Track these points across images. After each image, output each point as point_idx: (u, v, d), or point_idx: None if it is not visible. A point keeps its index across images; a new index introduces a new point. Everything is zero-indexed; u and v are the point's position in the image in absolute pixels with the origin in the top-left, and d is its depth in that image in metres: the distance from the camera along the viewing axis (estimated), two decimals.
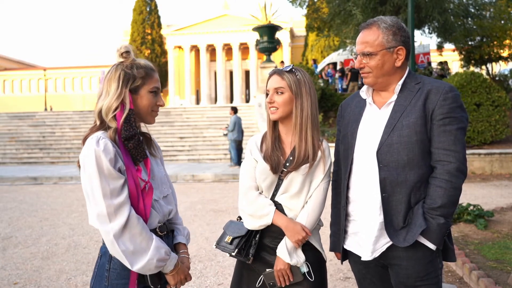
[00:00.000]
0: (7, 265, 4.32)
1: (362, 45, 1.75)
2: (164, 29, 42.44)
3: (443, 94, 1.67)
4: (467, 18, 13.90)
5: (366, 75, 1.77)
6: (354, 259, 1.86)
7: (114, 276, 1.55)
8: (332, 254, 4.35)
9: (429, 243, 1.66)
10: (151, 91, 1.63)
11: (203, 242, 4.96)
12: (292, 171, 1.79)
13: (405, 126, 1.68)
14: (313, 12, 16.45)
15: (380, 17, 1.78)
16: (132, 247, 1.48)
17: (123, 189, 1.50)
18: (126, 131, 1.54)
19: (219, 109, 20.46)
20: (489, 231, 4.87)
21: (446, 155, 1.65)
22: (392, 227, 1.69)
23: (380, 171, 1.70)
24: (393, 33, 1.72)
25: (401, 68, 1.76)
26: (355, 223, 1.81)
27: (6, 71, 47.71)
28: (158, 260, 1.52)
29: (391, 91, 1.78)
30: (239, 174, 1.91)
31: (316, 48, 32.19)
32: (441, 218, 1.63)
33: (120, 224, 1.46)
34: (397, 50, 1.73)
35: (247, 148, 1.93)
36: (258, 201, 1.80)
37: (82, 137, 1.64)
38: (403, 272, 1.70)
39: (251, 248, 1.81)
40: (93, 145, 1.49)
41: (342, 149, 1.88)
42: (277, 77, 1.84)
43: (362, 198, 1.76)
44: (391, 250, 1.72)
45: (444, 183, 1.63)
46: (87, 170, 1.49)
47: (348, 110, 1.92)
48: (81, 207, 7.41)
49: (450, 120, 1.66)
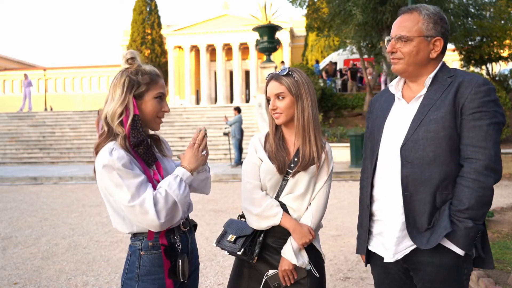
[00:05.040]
0: (7, 265, 4.32)
1: (399, 28, 1.64)
2: (164, 29, 42.43)
3: (475, 87, 1.54)
4: (467, 18, 13.91)
5: (397, 61, 1.66)
6: (375, 261, 1.78)
7: (144, 272, 1.61)
8: (332, 254, 4.38)
9: (456, 248, 1.54)
10: (155, 97, 1.66)
11: (203, 242, 4.96)
12: (300, 171, 1.79)
13: (432, 120, 1.57)
14: (313, 12, 16.47)
15: (423, 4, 1.68)
16: (170, 211, 1.56)
17: (144, 183, 1.55)
18: (134, 138, 1.58)
19: (219, 109, 20.44)
20: (489, 231, 4.87)
21: (475, 152, 1.52)
22: (415, 228, 1.59)
23: (402, 168, 1.60)
24: (434, 22, 1.61)
25: (435, 60, 1.65)
26: (379, 223, 1.72)
27: (6, 71, 47.70)
28: (185, 193, 1.59)
29: (421, 84, 1.67)
30: (242, 172, 1.91)
31: (316, 48, 32.19)
32: (469, 221, 1.50)
33: (153, 211, 1.52)
34: (434, 40, 1.62)
35: (250, 146, 1.92)
36: (266, 202, 1.80)
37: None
38: (427, 277, 1.61)
39: (255, 248, 1.81)
40: (106, 156, 1.53)
41: (369, 146, 1.80)
42: (276, 83, 1.84)
43: (386, 197, 1.68)
44: (416, 255, 1.62)
45: (471, 183, 1.51)
46: (105, 181, 1.54)
47: (376, 106, 1.84)
48: (81, 207, 7.41)
49: (481, 115, 1.53)
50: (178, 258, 1.63)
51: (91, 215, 6.73)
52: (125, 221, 1.62)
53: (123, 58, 1.66)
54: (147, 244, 1.62)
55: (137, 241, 1.64)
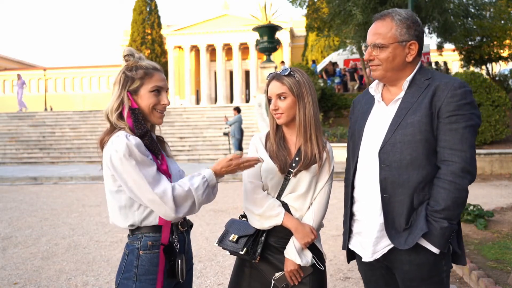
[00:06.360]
0: (7, 265, 4.32)
1: (373, 36, 1.68)
2: (164, 29, 42.44)
3: (451, 90, 1.58)
4: (467, 18, 13.90)
5: (375, 67, 1.70)
6: (360, 260, 1.82)
7: (142, 272, 1.61)
8: (332, 254, 4.38)
9: (432, 247, 1.60)
10: (151, 91, 1.66)
11: (203, 242, 4.96)
12: (302, 170, 1.80)
13: (409, 124, 1.61)
14: (313, 12, 16.47)
15: (395, 9, 1.71)
16: (187, 208, 1.60)
17: (158, 172, 1.59)
18: (138, 129, 1.62)
19: (219, 109, 20.44)
20: (489, 231, 4.87)
21: (451, 155, 1.57)
22: (393, 229, 1.64)
23: (381, 171, 1.65)
24: (407, 26, 1.65)
25: (412, 63, 1.69)
26: (359, 223, 1.78)
27: (6, 71, 47.71)
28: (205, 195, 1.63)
29: (400, 87, 1.71)
30: (242, 172, 1.90)
31: (316, 48, 32.20)
32: (444, 221, 1.56)
33: (172, 204, 1.56)
34: (409, 44, 1.66)
35: (251, 146, 1.93)
36: (268, 202, 1.80)
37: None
38: (406, 275, 1.66)
39: (258, 248, 1.81)
40: (123, 140, 1.55)
41: (351, 147, 1.84)
42: (277, 83, 1.84)
43: (365, 198, 1.73)
44: (394, 253, 1.67)
45: (448, 184, 1.56)
46: (125, 165, 1.54)
47: (358, 107, 1.88)
48: (81, 207, 7.41)
49: (457, 118, 1.57)
50: (177, 258, 1.64)
51: (91, 215, 6.73)
52: (125, 214, 1.62)
53: (122, 55, 1.71)
54: (146, 243, 1.62)
55: (136, 239, 1.64)
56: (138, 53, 1.73)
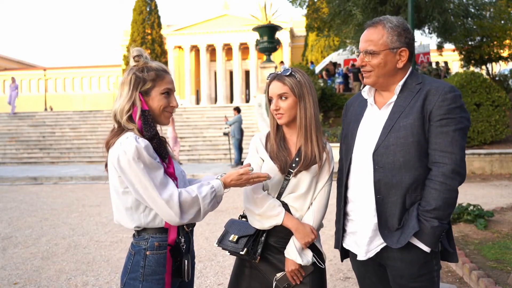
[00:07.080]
0: (7, 265, 4.32)
1: (365, 43, 1.74)
2: (164, 29, 42.43)
3: (442, 94, 1.65)
4: (467, 18, 13.88)
5: (368, 74, 1.76)
6: (353, 257, 1.86)
7: (149, 272, 1.61)
8: (332, 254, 4.38)
9: (423, 245, 1.65)
10: (162, 93, 1.68)
11: (203, 242, 4.96)
12: (302, 170, 1.80)
13: (402, 127, 1.67)
14: (313, 12, 16.45)
15: (386, 16, 1.77)
16: (192, 215, 1.60)
17: (165, 175, 1.60)
18: (147, 132, 1.61)
19: (219, 109, 20.44)
20: (489, 231, 4.87)
21: (442, 157, 1.63)
22: (386, 229, 1.69)
23: (375, 173, 1.70)
24: (398, 34, 1.71)
25: (402, 69, 1.75)
26: (353, 223, 1.82)
27: (6, 71, 47.70)
28: (211, 205, 1.63)
29: (392, 92, 1.76)
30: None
31: (316, 48, 32.20)
32: (435, 221, 1.61)
33: (177, 209, 1.55)
34: (400, 51, 1.72)
35: (251, 146, 1.93)
36: (268, 202, 1.81)
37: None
38: (397, 272, 1.71)
39: (258, 248, 1.82)
40: (133, 142, 1.54)
41: (344, 149, 1.89)
42: (278, 83, 1.84)
43: (359, 199, 1.77)
44: (386, 251, 1.72)
45: (438, 185, 1.62)
46: (133, 167, 1.53)
47: (351, 110, 1.92)
48: (81, 207, 7.41)
49: (448, 121, 1.63)
50: (184, 258, 1.65)
51: (91, 215, 6.73)
52: (132, 216, 1.62)
53: (130, 56, 1.70)
54: (153, 244, 1.62)
55: (142, 240, 1.64)
56: (146, 53, 1.73)
